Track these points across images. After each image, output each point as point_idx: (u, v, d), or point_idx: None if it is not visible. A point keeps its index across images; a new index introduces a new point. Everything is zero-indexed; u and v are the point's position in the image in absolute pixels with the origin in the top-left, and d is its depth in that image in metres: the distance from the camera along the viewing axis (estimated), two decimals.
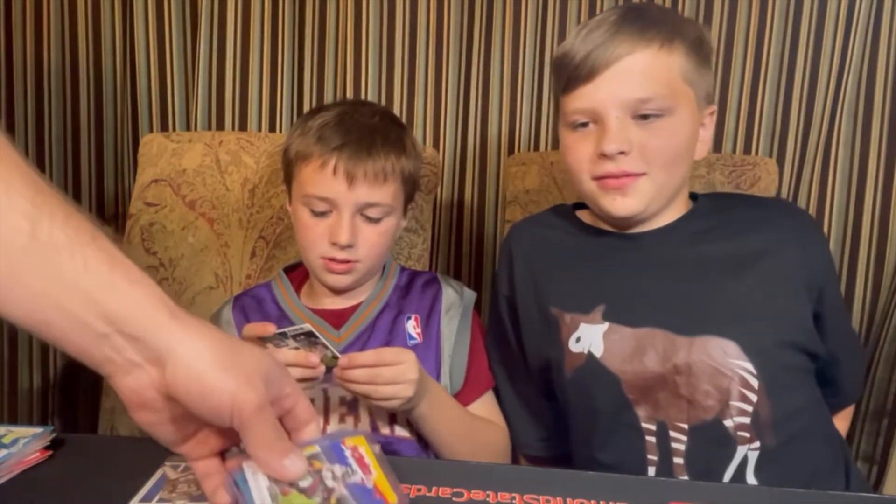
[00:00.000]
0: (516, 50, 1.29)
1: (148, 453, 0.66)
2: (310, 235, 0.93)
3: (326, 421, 0.88)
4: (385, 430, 0.88)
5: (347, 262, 0.92)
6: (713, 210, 0.93)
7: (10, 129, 1.36)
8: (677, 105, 0.84)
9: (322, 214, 0.92)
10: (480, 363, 0.98)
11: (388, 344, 0.94)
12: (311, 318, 0.95)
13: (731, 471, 0.80)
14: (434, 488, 0.62)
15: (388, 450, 0.83)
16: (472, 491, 0.62)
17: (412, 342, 0.94)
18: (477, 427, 0.93)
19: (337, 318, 0.96)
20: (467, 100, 1.31)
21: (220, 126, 1.34)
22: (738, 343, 0.81)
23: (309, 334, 0.76)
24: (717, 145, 1.27)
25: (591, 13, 1.26)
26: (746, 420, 0.80)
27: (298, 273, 1.03)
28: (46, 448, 0.66)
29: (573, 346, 0.86)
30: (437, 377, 0.93)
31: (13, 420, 1.38)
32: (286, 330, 0.76)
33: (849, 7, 1.20)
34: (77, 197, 1.39)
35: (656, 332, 0.83)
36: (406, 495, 0.60)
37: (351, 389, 0.79)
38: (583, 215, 0.98)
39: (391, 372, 0.78)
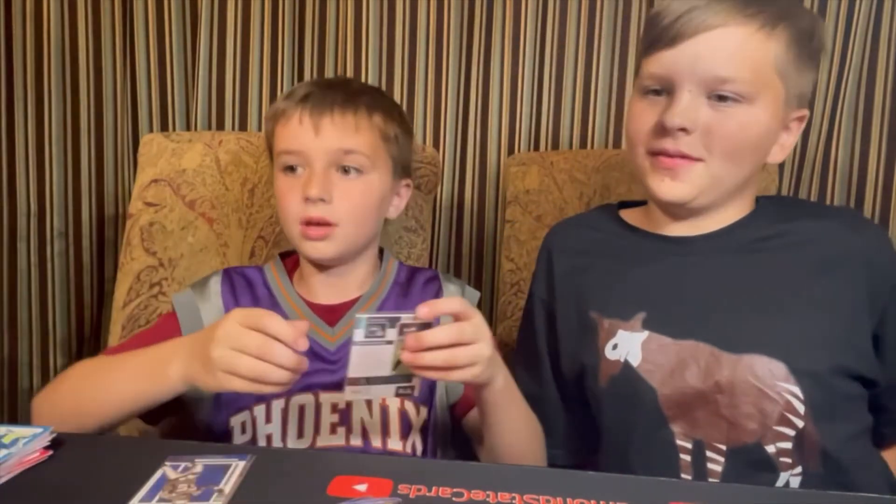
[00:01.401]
0: (516, 50, 1.28)
1: (148, 453, 0.66)
2: (284, 198, 0.87)
3: (317, 431, 0.83)
4: (377, 444, 0.84)
5: (325, 223, 0.85)
6: (775, 217, 0.86)
7: (10, 129, 1.36)
8: (760, 95, 0.77)
9: (294, 171, 0.87)
10: None
11: None
12: (303, 311, 0.90)
13: None
14: (434, 488, 0.62)
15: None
16: (472, 491, 0.62)
17: None
18: (534, 418, 0.84)
19: (331, 315, 0.90)
20: (467, 100, 1.31)
21: (220, 126, 1.34)
22: (788, 365, 0.75)
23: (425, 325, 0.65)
24: None
25: (591, 13, 1.26)
26: (788, 445, 0.76)
27: (291, 260, 0.98)
28: (46, 448, 0.66)
29: (609, 354, 0.81)
30: (436, 385, 0.90)
31: (13, 420, 1.38)
32: (400, 315, 0.64)
33: (849, 7, 1.20)
34: (77, 197, 1.39)
35: (700, 345, 0.78)
36: None
37: (424, 375, 0.67)
38: (628, 216, 0.92)
39: (467, 352, 0.67)
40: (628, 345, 0.81)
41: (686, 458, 0.78)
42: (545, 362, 0.92)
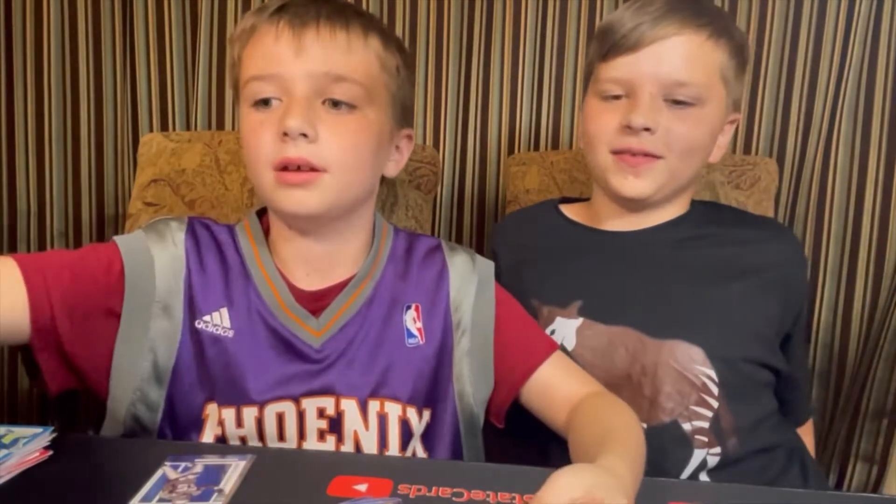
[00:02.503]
0: (516, 50, 1.28)
1: (148, 453, 0.66)
2: (255, 139, 0.70)
3: (302, 437, 0.73)
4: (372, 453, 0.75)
5: (309, 168, 0.69)
6: (706, 219, 0.93)
7: (10, 129, 1.36)
8: (709, 99, 0.85)
9: (267, 105, 0.70)
10: (530, 332, 0.82)
11: (378, 345, 0.75)
12: (284, 297, 0.74)
13: (688, 472, 0.81)
14: (434, 488, 0.62)
15: None
16: (472, 491, 0.62)
17: (412, 342, 0.77)
18: (641, 447, 0.67)
19: (315, 302, 0.75)
20: (467, 100, 1.31)
21: (220, 126, 1.34)
22: (705, 350, 0.82)
23: None
24: None
25: (591, 13, 1.26)
26: (705, 425, 0.82)
27: (263, 221, 0.81)
28: (46, 448, 0.66)
29: None
30: (449, 384, 0.78)
31: (13, 420, 1.38)
32: None
33: (849, 7, 1.20)
34: (77, 197, 1.39)
35: (628, 331, 0.84)
36: None
37: None
38: (567, 210, 0.98)
39: None
40: (564, 330, 0.86)
41: None
42: None
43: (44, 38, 1.34)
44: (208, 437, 0.74)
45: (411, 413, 0.76)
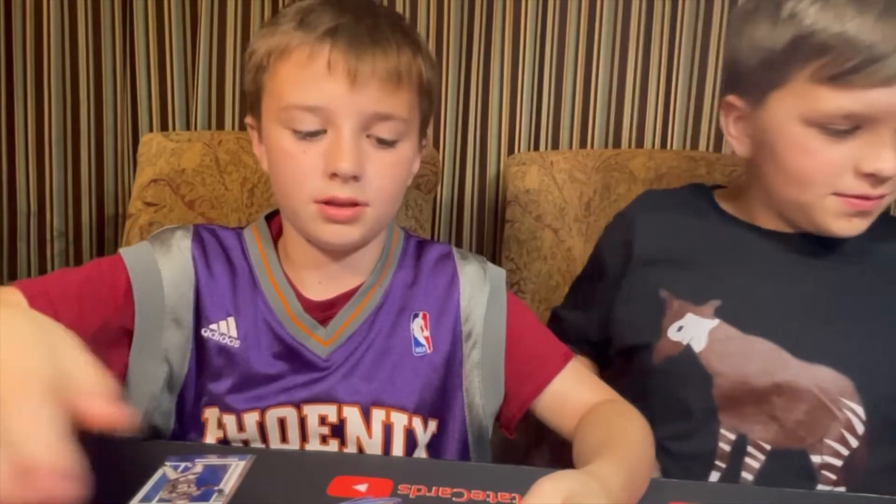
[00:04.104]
0: (516, 50, 1.28)
1: (148, 453, 0.66)
2: (295, 169, 0.67)
3: (304, 440, 0.73)
4: None
5: (353, 203, 0.67)
6: (880, 233, 0.80)
7: (10, 129, 1.36)
8: None
9: (312, 136, 0.67)
10: (544, 343, 0.79)
11: (384, 353, 0.74)
12: (293, 307, 0.73)
13: None
14: (434, 488, 0.62)
15: None
16: (472, 491, 0.61)
17: (419, 350, 0.75)
18: (643, 454, 0.68)
19: (323, 312, 0.74)
20: (467, 100, 1.31)
21: (220, 126, 1.34)
22: (856, 383, 0.73)
23: None
24: (718, 145, 1.27)
25: (591, 13, 1.26)
26: (837, 462, 0.74)
27: (275, 224, 0.79)
28: None
29: (672, 334, 0.79)
30: (457, 394, 0.76)
31: None
32: None
33: None
34: (77, 197, 1.39)
35: (768, 344, 0.75)
36: None
37: None
38: (720, 198, 0.89)
39: None
40: (695, 329, 0.78)
41: (725, 447, 0.76)
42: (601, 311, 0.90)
43: (44, 38, 1.34)
44: (210, 440, 0.74)
45: (417, 423, 0.75)
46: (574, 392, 0.76)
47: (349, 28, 0.66)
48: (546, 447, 1.01)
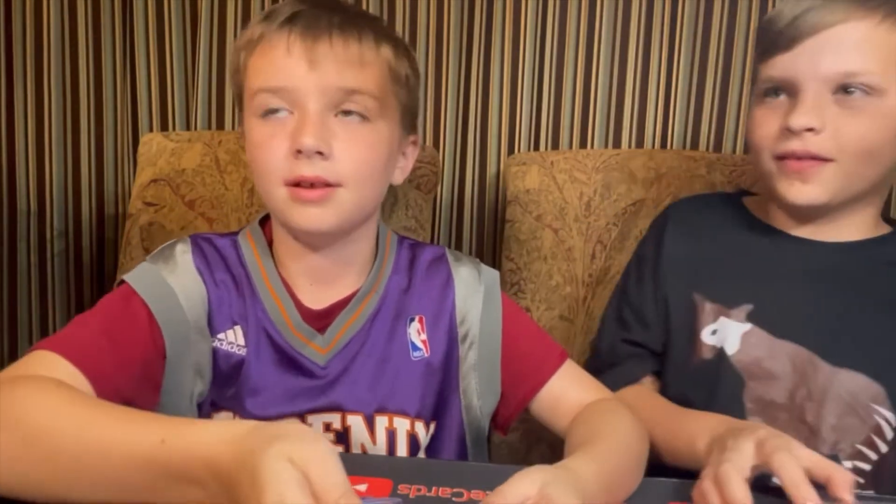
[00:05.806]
0: (516, 50, 1.28)
1: None
2: (266, 153, 0.68)
3: None
4: None
5: (323, 183, 0.67)
6: None
7: (10, 128, 1.36)
8: (890, 89, 0.74)
9: (276, 115, 0.68)
10: (539, 343, 0.80)
11: (384, 360, 0.75)
12: (291, 315, 0.73)
13: None
14: (434, 488, 0.62)
15: None
16: (472, 491, 0.62)
17: (417, 355, 0.76)
18: (628, 451, 0.68)
19: (321, 320, 0.74)
20: (467, 100, 1.31)
21: (220, 126, 1.34)
22: (887, 389, 0.74)
23: None
24: (718, 145, 1.27)
25: (591, 13, 1.26)
26: (866, 467, 0.75)
27: (266, 230, 0.79)
28: None
29: (706, 338, 0.81)
30: (454, 396, 0.77)
31: None
32: None
33: None
34: (77, 197, 1.39)
35: (800, 349, 0.76)
36: None
37: None
38: (750, 205, 0.90)
39: None
40: (728, 332, 0.79)
41: None
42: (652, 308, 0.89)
43: (44, 38, 1.34)
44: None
45: (419, 427, 0.76)
46: (569, 391, 0.78)
47: (307, 15, 0.68)
48: (545, 447, 1.01)
